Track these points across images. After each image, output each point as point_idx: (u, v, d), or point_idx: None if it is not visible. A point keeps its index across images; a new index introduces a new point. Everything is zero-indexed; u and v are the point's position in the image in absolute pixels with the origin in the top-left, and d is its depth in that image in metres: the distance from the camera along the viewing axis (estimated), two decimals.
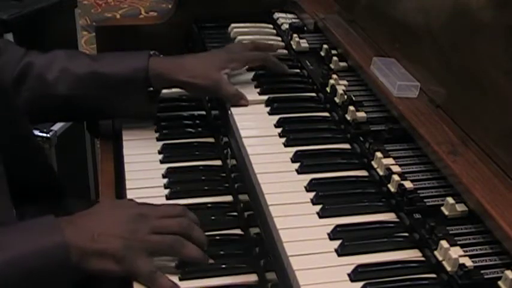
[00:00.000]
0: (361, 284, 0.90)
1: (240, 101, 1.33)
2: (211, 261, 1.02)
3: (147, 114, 1.37)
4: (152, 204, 1.06)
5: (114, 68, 1.31)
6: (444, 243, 0.91)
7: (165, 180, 1.21)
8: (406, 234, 1.00)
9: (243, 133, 1.23)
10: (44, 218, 0.97)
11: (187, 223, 1.02)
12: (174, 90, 1.51)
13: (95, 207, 1.03)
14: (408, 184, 1.04)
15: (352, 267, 0.93)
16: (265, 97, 1.35)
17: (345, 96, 1.27)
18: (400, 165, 1.09)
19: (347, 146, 1.22)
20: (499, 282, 0.86)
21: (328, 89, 1.33)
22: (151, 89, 1.32)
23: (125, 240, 0.97)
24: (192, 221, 1.04)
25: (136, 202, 1.06)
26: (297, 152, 1.17)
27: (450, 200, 0.99)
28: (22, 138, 1.23)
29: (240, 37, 1.60)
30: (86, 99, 1.31)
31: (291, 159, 1.16)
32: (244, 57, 1.41)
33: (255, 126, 1.28)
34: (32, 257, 0.92)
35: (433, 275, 0.92)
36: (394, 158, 1.11)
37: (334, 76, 1.35)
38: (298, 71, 1.48)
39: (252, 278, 1.01)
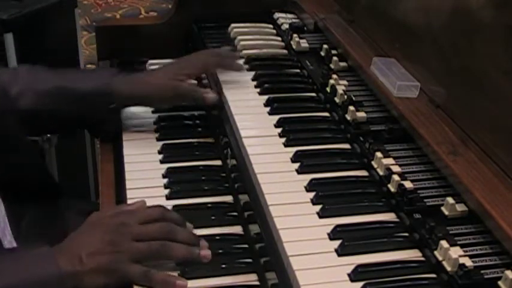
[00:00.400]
0: (361, 284, 0.90)
1: (204, 95, 1.34)
2: (205, 254, 1.01)
3: (108, 129, 1.39)
4: (130, 210, 1.06)
5: (78, 84, 1.32)
6: (444, 243, 0.91)
7: (165, 180, 1.21)
8: (406, 234, 1.00)
9: (243, 133, 1.23)
10: (40, 249, 1.00)
11: (169, 228, 1.02)
12: None
13: (81, 227, 1.05)
14: (408, 184, 1.04)
15: (352, 267, 0.93)
16: (265, 97, 1.35)
17: (345, 96, 1.27)
18: (400, 165, 1.09)
19: (347, 146, 1.22)
20: (499, 282, 0.86)
21: (328, 89, 1.33)
22: (113, 105, 1.33)
23: (110, 255, 0.98)
24: (174, 221, 1.04)
25: (115, 211, 1.07)
26: (297, 152, 1.17)
27: (450, 200, 0.99)
28: (12, 139, 1.24)
29: (240, 37, 1.60)
30: (49, 113, 1.32)
31: (291, 159, 1.16)
32: (197, 64, 1.42)
33: (255, 126, 1.28)
34: (28, 286, 0.95)
35: (433, 275, 0.92)
36: (394, 158, 1.11)
37: (334, 76, 1.35)
38: (298, 71, 1.48)
39: (252, 278, 1.01)
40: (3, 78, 1.32)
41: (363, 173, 1.14)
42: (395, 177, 1.05)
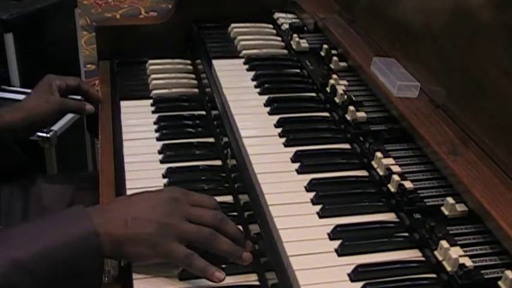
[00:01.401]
0: (361, 284, 0.90)
1: (87, 107, 1.45)
2: (246, 257, 0.99)
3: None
4: (188, 191, 1.05)
5: None
6: (444, 243, 0.91)
7: (165, 180, 1.21)
8: (406, 234, 1.00)
9: (243, 133, 1.23)
10: (72, 208, 0.97)
11: (222, 217, 1.01)
12: (173, 90, 1.52)
13: (127, 195, 1.03)
14: (408, 184, 1.04)
15: (352, 267, 0.93)
16: (265, 97, 1.35)
17: (345, 96, 1.27)
18: (400, 165, 1.09)
19: (347, 146, 1.22)
20: (499, 282, 0.86)
21: (328, 89, 1.33)
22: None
23: (159, 225, 0.96)
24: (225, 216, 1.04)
25: (173, 187, 1.06)
26: (297, 152, 1.17)
27: (450, 200, 0.99)
28: None
29: (240, 37, 1.61)
30: None
31: (291, 159, 1.16)
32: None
33: (255, 126, 1.28)
34: (62, 247, 0.91)
35: (433, 275, 0.92)
36: (394, 158, 1.11)
37: (334, 76, 1.35)
38: (298, 71, 1.48)
39: (252, 278, 1.01)
40: None
41: (363, 173, 1.14)
42: (395, 177, 1.05)
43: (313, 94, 1.39)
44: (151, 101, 1.48)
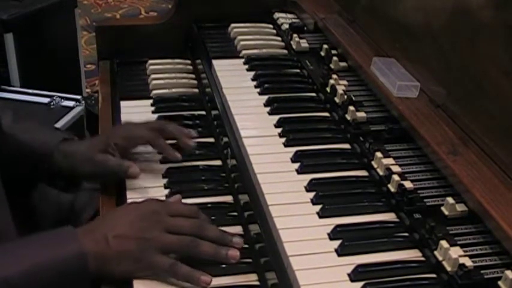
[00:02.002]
0: (361, 284, 0.90)
1: (130, 170, 1.18)
2: (232, 254, 1.00)
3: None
4: (164, 201, 1.06)
5: (28, 139, 1.23)
6: (444, 243, 0.91)
7: (165, 180, 1.21)
8: (406, 234, 1.00)
9: (243, 133, 1.23)
10: (62, 229, 0.98)
11: (200, 224, 1.02)
12: (173, 90, 1.52)
13: (110, 211, 1.04)
14: (408, 184, 1.04)
15: (352, 267, 0.93)
16: (265, 97, 1.35)
17: (345, 96, 1.27)
18: (400, 165, 1.09)
19: (347, 146, 1.22)
20: (499, 282, 0.86)
21: (328, 89, 1.33)
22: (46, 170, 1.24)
23: (139, 240, 0.97)
24: (205, 220, 1.05)
25: (151, 199, 1.07)
26: (297, 152, 1.17)
27: (450, 200, 0.99)
28: None
29: (240, 37, 1.61)
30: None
31: (291, 159, 1.16)
32: (131, 136, 1.25)
33: (255, 126, 1.28)
34: (50, 267, 0.93)
35: (433, 275, 0.92)
36: (394, 158, 1.11)
37: (334, 76, 1.35)
38: (298, 71, 1.48)
39: (252, 278, 1.01)
40: None
41: (363, 173, 1.14)
42: (395, 177, 1.05)
43: (313, 94, 1.39)
44: (151, 101, 1.47)
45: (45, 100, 2.35)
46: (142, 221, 1.00)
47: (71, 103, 2.36)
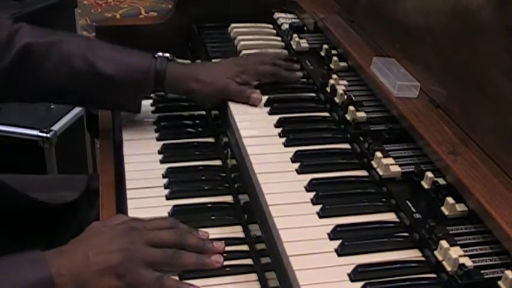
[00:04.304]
0: (361, 284, 0.90)
1: (253, 95, 1.32)
2: (216, 260, 1.00)
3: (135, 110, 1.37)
4: (137, 218, 1.05)
5: (114, 69, 1.27)
6: (444, 243, 0.91)
7: (165, 180, 1.21)
8: (406, 234, 1.00)
9: (243, 133, 1.23)
10: (29, 253, 0.94)
11: (180, 233, 1.02)
12: None
13: (83, 233, 1.00)
14: None
15: (352, 267, 0.93)
16: (265, 97, 1.35)
17: (345, 96, 1.27)
18: (400, 165, 1.09)
19: (347, 146, 1.22)
20: (499, 282, 0.86)
21: (328, 89, 1.33)
22: (162, 93, 1.34)
23: (123, 253, 0.94)
24: (183, 229, 1.04)
25: (125, 216, 1.05)
26: (297, 152, 1.17)
27: (450, 200, 0.99)
28: None
29: (240, 37, 1.61)
30: (79, 92, 1.30)
31: (291, 159, 1.16)
32: (255, 71, 1.38)
33: (255, 126, 1.28)
34: None
35: (433, 275, 0.92)
36: (394, 158, 1.11)
37: (334, 76, 1.35)
38: None
39: (252, 278, 1.01)
40: (38, 48, 1.26)
41: (363, 173, 1.14)
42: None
43: (313, 94, 1.39)
44: (151, 101, 1.47)
45: None
46: (124, 237, 0.97)
47: None
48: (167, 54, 1.33)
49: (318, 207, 1.04)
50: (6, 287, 0.89)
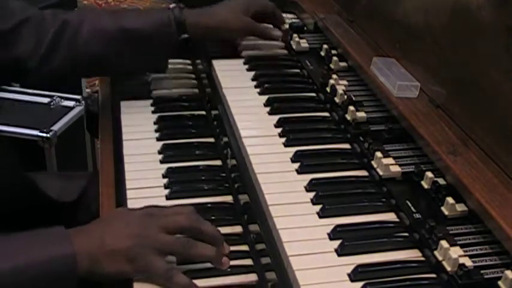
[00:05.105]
0: (361, 284, 0.90)
1: (274, 32, 1.51)
2: (226, 261, 1.00)
3: (164, 68, 1.48)
4: (158, 206, 1.05)
5: (142, 24, 1.37)
6: (444, 243, 0.91)
7: (165, 180, 1.21)
8: (406, 234, 1.00)
9: (243, 133, 1.23)
10: (53, 229, 0.97)
11: (196, 217, 1.01)
12: (174, 90, 1.52)
13: (105, 216, 1.04)
14: None
15: (352, 267, 0.93)
16: (265, 97, 1.35)
17: (345, 96, 1.27)
18: (400, 165, 1.09)
19: (347, 146, 1.22)
20: (499, 282, 0.86)
21: (328, 89, 1.33)
22: (187, 36, 1.40)
23: (135, 238, 0.96)
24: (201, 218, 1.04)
25: (146, 206, 1.06)
26: (297, 152, 1.17)
27: (450, 200, 0.99)
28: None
29: None
30: (114, 56, 1.38)
31: (291, 159, 1.16)
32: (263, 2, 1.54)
33: (255, 126, 1.28)
34: (40, 266, 0.92)
35: (433, 275, 0.92)
36: (394, 158, 1.11)
37: (334, 76, 1.35)
38: (298, 71, 1.48)
39: (252, 278, 1.01)
40: (73, 21, 1.35)
41: (363, 173, 1.14)
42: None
43: (313, 94, 1.39)
44: (151, 101, 1.47)
45: (45, 100, 2.35)
46: (139, 221, 0.99)
47: (71, 103, 2.36)
48: (180, 4, 1.42)
49: (318, 207, 1.04)
50: (30, 261, 0.93)
